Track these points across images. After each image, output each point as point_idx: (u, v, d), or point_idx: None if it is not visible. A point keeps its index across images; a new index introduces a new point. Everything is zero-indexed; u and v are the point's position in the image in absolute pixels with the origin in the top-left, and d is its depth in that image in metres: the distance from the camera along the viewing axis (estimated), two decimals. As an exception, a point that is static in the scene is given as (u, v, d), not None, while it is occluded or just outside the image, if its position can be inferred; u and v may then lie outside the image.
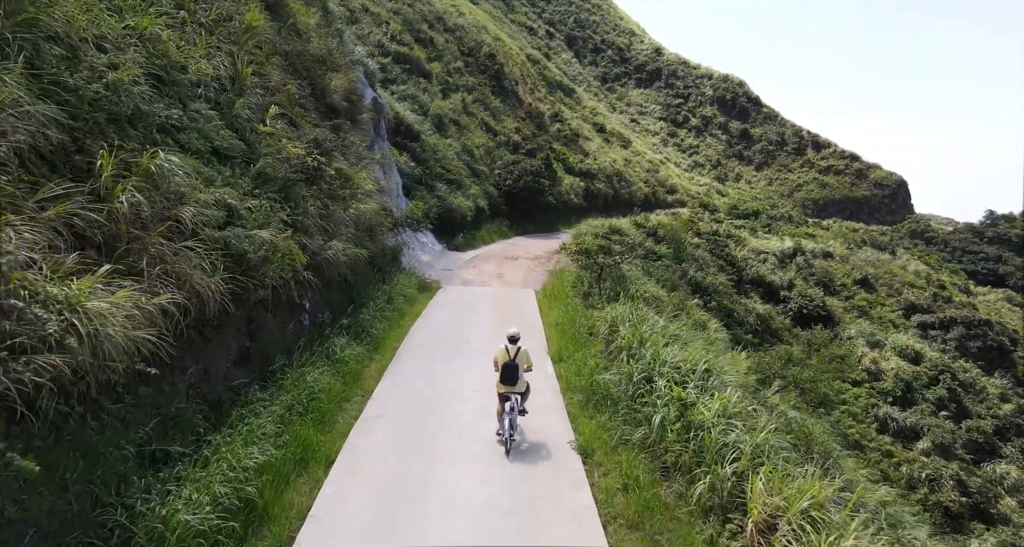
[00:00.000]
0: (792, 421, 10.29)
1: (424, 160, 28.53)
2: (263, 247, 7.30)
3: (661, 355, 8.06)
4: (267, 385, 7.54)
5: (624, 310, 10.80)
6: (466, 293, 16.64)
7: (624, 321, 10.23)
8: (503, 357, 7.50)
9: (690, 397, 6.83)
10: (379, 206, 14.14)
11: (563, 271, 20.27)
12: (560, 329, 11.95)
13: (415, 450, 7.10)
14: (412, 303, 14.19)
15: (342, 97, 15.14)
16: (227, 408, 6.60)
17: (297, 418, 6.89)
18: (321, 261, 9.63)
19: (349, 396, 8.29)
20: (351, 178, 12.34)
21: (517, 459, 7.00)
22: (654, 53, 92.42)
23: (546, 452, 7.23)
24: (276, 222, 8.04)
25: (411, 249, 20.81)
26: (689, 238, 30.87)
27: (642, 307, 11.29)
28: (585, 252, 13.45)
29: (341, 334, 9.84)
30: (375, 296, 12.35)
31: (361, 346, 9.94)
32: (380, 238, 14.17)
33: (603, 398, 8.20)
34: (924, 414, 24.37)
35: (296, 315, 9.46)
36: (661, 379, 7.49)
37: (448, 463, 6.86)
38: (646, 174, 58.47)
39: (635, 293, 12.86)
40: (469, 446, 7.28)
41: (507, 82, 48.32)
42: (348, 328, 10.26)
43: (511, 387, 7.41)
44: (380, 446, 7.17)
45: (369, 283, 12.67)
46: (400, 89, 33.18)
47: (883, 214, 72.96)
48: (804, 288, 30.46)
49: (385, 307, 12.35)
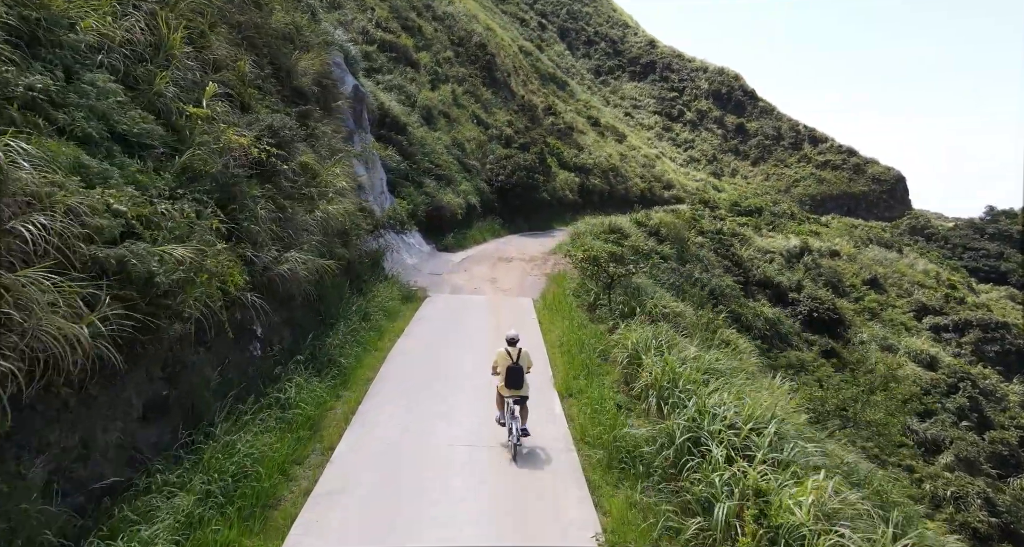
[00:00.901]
0: (858, 470, 8.54)
1: (411, 154, 26.56)
2: (180, 267, 5.40)
3: (707, 405, 6.23)
4: (189, 449, 5.66)
5: (645, 333, 8.97)
6: (456, 303, 14.77)
7: (648, 348, 8.39)
8: (505, 360, 7.27)
9: (764, 479, 4.99)
10: (355, 206, 12.24)
11: (562, 276, 18.45)
12: (566, 352, 10.13)
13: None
14: (394, 318, 12.31)
15: (313, 81, 13.19)
16: (118, 497, 4.70)
17: (212, 515, 4.82)
18: (274, 277, 7.74)
19: (302, 457, 6.38)
20: (319, 174, 10.42)
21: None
22: (648, 46, 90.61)
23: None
24: (204, 232, 6.13)
25: (395, 252, 18.91)
26: (692, 237, 29.18)
27: (667, 329, 9.46)
28: (593, 260, 11.57)
29: (300, 368, 7.94)
30: (348, 314, 10.46)
31: (325, 381, 8.04)
32: (356, 243, 12.27)
33: (631, 459, 6.37)
34: (945, 425, 22.87)
35: (242, 346, 7.57)
36: (714, 443, 5.65)
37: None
38: (642, 169, 56.81)
39: (652, 308, 11.03)
40: (462, 530, 5.42)
41: (499, 73, 46.31)
42: (311, 359, 8.36)
43: (516, 390, 7.19)
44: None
45: (342, 297, 10.77)
46: (386, 79, 31.12)
47: (881, 210, 71.75)
48: (813, 289, 28.88)
49: (360, 327, 10.46)
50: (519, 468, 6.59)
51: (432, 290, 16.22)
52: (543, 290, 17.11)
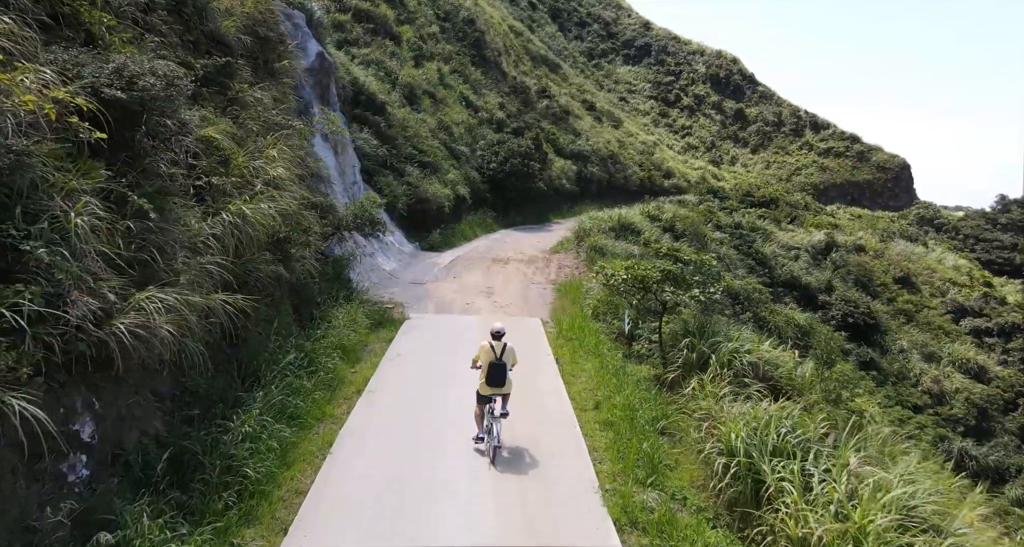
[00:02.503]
0: None
1: (391, 138, 22.85)
2: None
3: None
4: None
5: (748, 414, 5.52)
6: (443, 328, 11.27)
7: (764, 451, 4.90)
8: (488, 356, 6.55)
9: None
10: (300, 203, 8.66)
11: (574, 285, 15.01)
12: (609, 426, 6.71)
13: None
14: (355, 359, 8.81)
15: (242, 27, 9.53)
16: None
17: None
18: (108, 340, 4.21)
19: None
20: (231, 158, 6.84)
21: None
22: (642, 28, 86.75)
23: None
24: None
25: (369, 256, 15.35)
26: (709, 232, 25.88)
27: (790, 410, 5.97)
28: (641, 283, 7.91)
29: (159, 501, 4.42)
30: (278, 368, 6.89)
31: (208, 523, 4.52)
32: (303, 255, 8.73)
33: None
34: (1008, 449, 19.91)
35: (54, 473, 4.07)
36: None
37: None
38: (640, 157, 53.42)
39: (731, 356, 7.38)
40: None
41: (489, 52, 42.45)
42: (177, 487, 4.77)
43: (497, 389, 6.50)
44: None
45: (269, 342, 7.22)
46: (362, 53, 27.25)
47: (886, 199, 69.07)
48: (844, 291, 25.77)
49: (297, 387, 6.93)
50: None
51: (413, 308, 12.72)
52: (552, 306, 13.68)
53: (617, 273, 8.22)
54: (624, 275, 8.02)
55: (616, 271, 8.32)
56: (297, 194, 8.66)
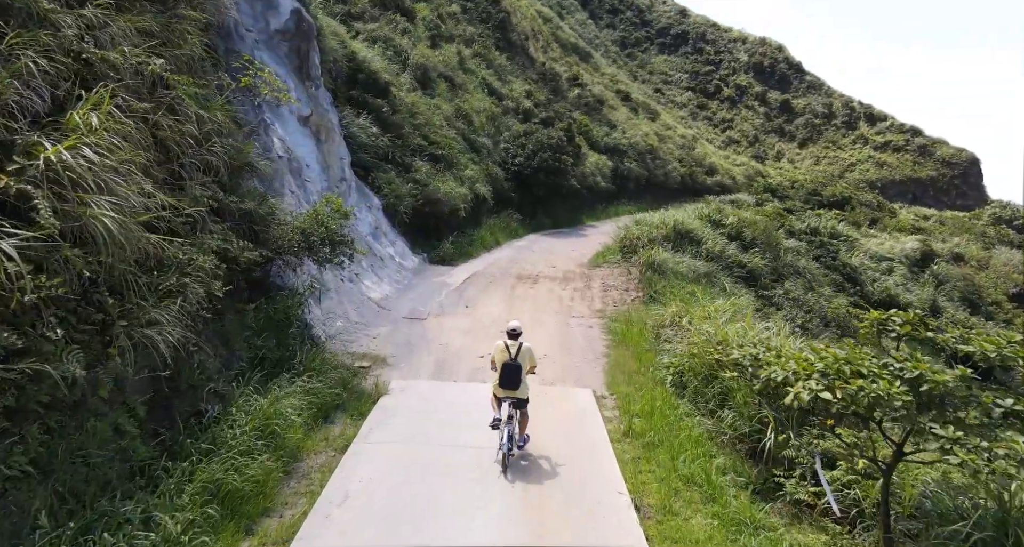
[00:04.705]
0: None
1: (395, 125, 18.74)
2: None
3: None
4: None
5: None
6: (440, 413, 7.07)
7: None
8: (502, 355, 6.16)
9: None
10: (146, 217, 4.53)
11: (631, 320, 10.69)
12: None
13: None
14: (245, 522, 4.65)
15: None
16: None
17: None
18: None
19: None
20: None
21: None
22: (679, 15, 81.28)
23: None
24: None
25: (352, 280, 11.25)
26: (783, 240, 21.19)
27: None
28: (852, 403, 3.61)
29: None
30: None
31: None
32: (152, 318, 4.63)
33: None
34: None
35: None
36: None
37: None
38: (680, 151, 48.47)
39: None
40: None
41: (515, 36, 38.09)
42: None
43: (511, 391, 6.08)
44: None
45: (104, 486, 3.15)
46: (368, 28, 23.21)
47: (952, 197, 62.50)
48: (953, 312, 20.81)
49: None
50: None
51: (401, 364, 8.56)
52: (607, 359, 9.34)
53: (787, 372, 3.82)
54: (814, 384, 3.69)
55: (780, 366, 3.93)
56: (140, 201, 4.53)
